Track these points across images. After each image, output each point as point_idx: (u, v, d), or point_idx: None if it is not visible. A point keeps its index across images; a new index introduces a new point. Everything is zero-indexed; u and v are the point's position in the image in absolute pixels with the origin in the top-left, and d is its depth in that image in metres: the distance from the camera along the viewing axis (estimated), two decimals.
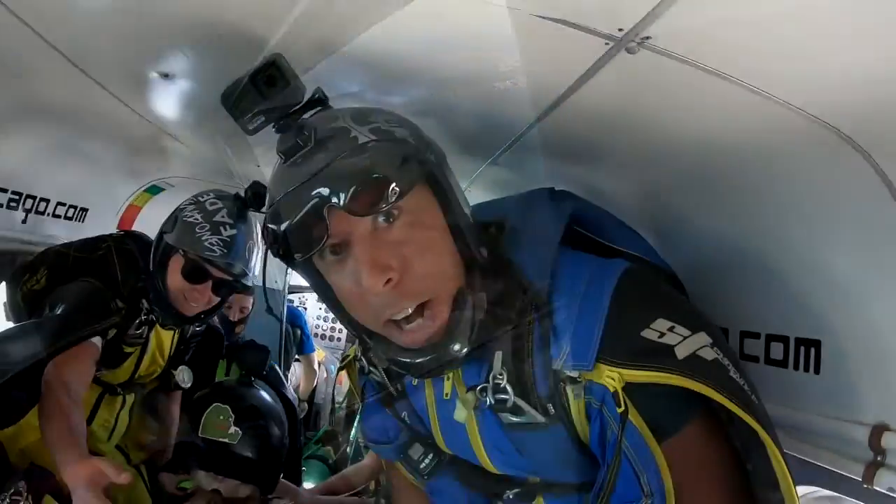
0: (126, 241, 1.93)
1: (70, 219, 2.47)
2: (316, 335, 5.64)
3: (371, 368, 1.20)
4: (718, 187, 1.22)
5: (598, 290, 0.93)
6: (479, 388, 0.99)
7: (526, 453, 1.02)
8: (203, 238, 1.69)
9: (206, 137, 1.91)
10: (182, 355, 2.11)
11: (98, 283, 1.75)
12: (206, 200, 1.76)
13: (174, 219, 1.78)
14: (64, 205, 2.38)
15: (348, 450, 3.08)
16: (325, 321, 5.94)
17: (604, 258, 1.02)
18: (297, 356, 4.58)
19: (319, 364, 4.98)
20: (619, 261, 1.00)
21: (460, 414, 1.04)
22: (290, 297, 5.10)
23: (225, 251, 1.70)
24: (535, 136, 1.27)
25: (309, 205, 0.87)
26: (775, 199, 1.13)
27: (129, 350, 1.89)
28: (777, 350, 1.21)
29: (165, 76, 1.32)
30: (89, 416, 1.90)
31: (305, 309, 5.79)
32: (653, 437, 0.86)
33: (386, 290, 0.88)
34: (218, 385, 1.83)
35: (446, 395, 1.06)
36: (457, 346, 0.93)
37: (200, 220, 1.71)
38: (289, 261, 0.95)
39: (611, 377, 0.88)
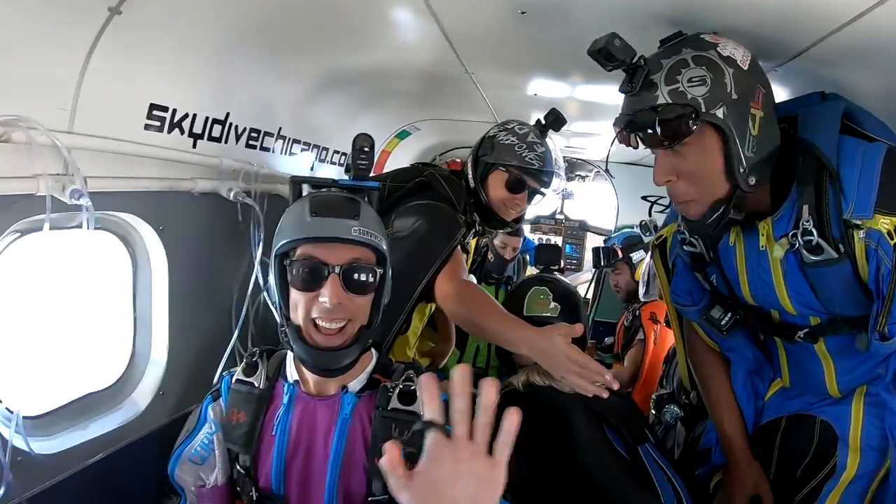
0: (436, 169, 2.22)
1: (340, 165, 2.91)
2: None
3: (692, 239, 1.56)
4: None
5: (871, 161, 1.26)
6: (790, 234, 1.34)
7: (819, 290, 1.37)
8: (523, 154, 2.09)
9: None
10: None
11: (442, 203, 2.02)
12: (514, 126, 2.16)
13: (490, 144, 2.14)
14: (338, 152, 2.84)
15: None
16: None
17: (868, 142, 1.31)
18: None
19: None
20: (880, 143, 1.30)
21: (778, 252, 1.38)
22: None
23: (541, 164, 2.11)
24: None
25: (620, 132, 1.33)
26: None
27: None
28: None
29: None
30: (405, 324, 2.14)
31: None
32: None
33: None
34: (533, 276, 2.11)
35: (762, 246, 1.40)
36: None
37: (516, 141, 2.11)
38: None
39: (885, 223, 1.23)
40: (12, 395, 1.44)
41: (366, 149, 1.72)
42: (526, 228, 5.63)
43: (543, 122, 2.18)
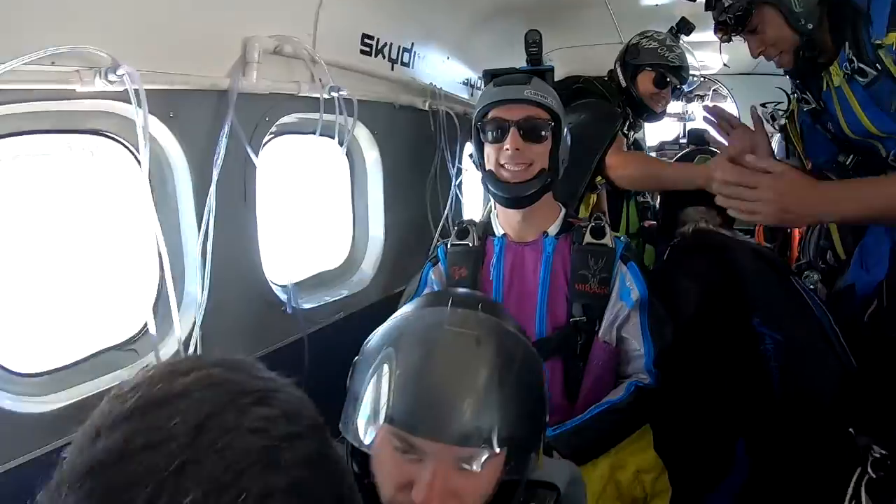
0: (590, 79, 2.60)
1: None
2: None
3: (804, 95, 1.76)
4: None
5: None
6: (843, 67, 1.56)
7: (883, 107, 1.53)
8: (665, 55, 2.49)
9: None
10: None
11: (601, 100, 2.46)
12: (652, 34, 2.55)
13: (635, 49, 2.53)
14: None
15: None
16: None
17: None
18: None
19: None
20: None
21: (843, 84, 1.59)
22: None
23: (681, 62, 2.53)
24: None
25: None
26: None
27: None
28: None
29: None
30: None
31: None
32: None
33: None
34: (694, 148, 2.57)
35: (837, 84, 1.62)
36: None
37: (657, 45, 2.51)
38: None
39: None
40: (286, 272, 1.90)
41: (535, 40, 2.02)
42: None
43: (675, 27, 2.60)
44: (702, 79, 5.21)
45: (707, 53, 3.97)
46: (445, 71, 2.62)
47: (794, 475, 1.59)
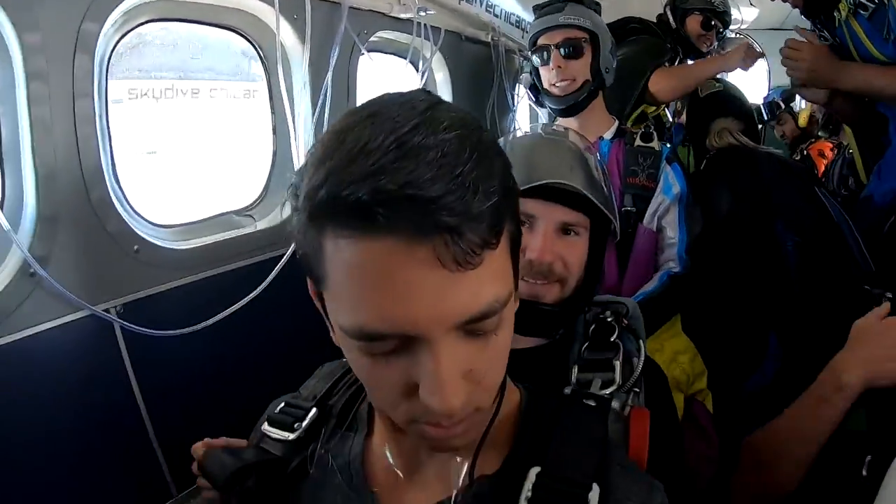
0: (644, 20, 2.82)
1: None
2: None
3: (822, 34, 1.93)
4: None
5: None
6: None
7: (883, 34, 1.70)
8: (712, 0, 2.79)
9: None
10: None
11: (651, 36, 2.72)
12: None
13: None
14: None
15: None
16: None
17: None
18: None
19: None
20: None
21: (850, 18, 1.79)
22: None
23: (725, 7, 2.86)
24: None
25: None
26: None
27: None
28: None
29: None
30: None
31: None
32: None
33: None
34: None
35: (846, 18, 1.80)
36: None
37: None
38: None
39: None
40: None
41: None
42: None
43: None
44: (737, 35, 5.34)
45: (741, 9, 4.13)
46: (504, 8, 2.84)
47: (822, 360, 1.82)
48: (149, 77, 1.84)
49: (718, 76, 2.48)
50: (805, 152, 3.90)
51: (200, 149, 2.29)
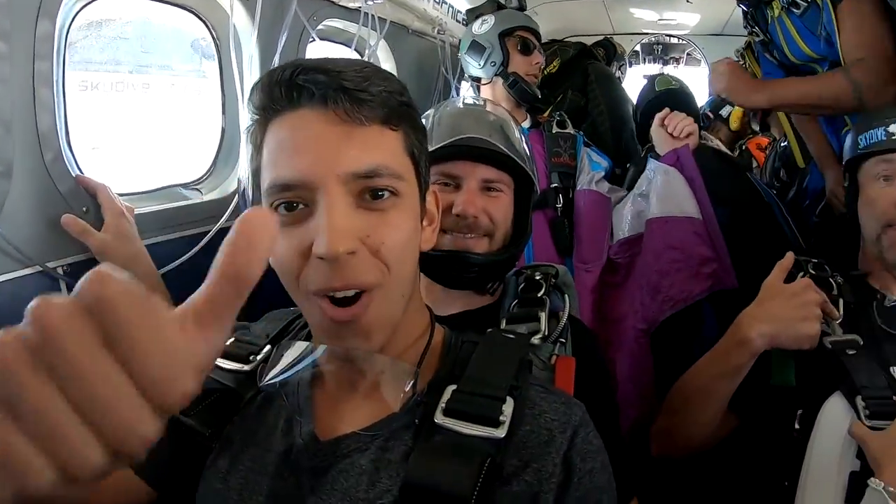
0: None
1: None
2: None
3: (754, 30, 2.11)
4: None
5: None
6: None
7: (813, 31, 1.80)
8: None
9: None
10: None
11: None
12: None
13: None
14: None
15: None
16: None
17: None
18: None
19: None
20: None
21: (783, 14, 1.89)
22: None
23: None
24: None
25: None
26: None
27: None
28: None
29: None
30: None
31: None
32: None
33: None
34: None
35: (779, 15, 1.93)
36: None
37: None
38: None
39: None
40: None
41: None
42: None
43: None
44: (680, 41, 5.49)
45: (679, 13, 4.28)
46: (451, 5, 2.93)
47: None
48: (101, 69, 1.87)
49: (675, 78, 2.57)
50: (744, 147, 4.14)
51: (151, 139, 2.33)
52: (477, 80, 2.15)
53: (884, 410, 1.04)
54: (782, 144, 3.02)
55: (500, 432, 0.71)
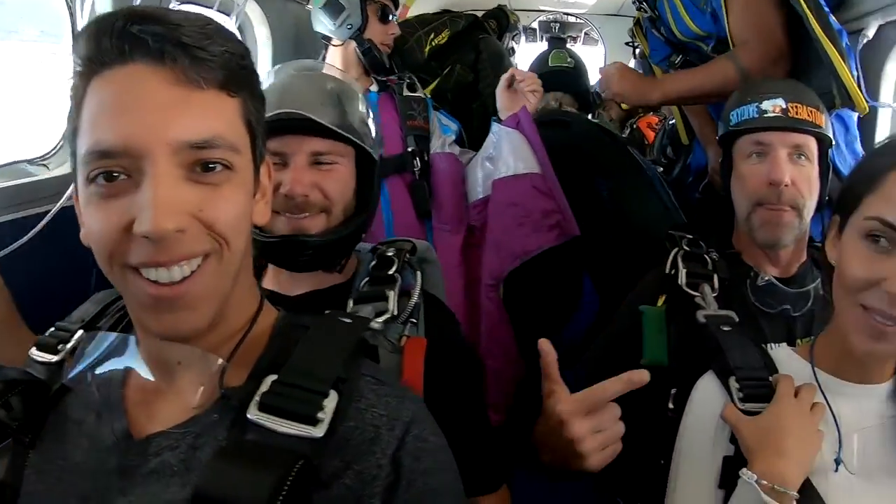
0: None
1: None
2: None
3: (641, 5, 2.13)
4: None
5: None
6: None
7: (698, 7, 1.78)
8: None
9: None
10: None
11: None
12: None
13: None
14: None
15: None
16: None
17: None
18: None
19: None
20: None
21: None
22: None
23: None
24: None
25: None
26: None
27: None
28: None
29: None
30: None
31: None
32: None
33: None
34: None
35: None
36: None
37: None
38: None
39: None
40: None
41: None
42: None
43: None
44: (578, 20, 5.49)
45: None
46: None
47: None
48: None
49: (572, 55, 2.52)
50: (635, 126, 4.23)
51: None
52: (327, 39, 2.01)
53: (758, 393, 0.98)
54: (670, 122, 3.07)
55: (318, 431, 0.64)
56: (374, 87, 1.97)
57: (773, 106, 1.31)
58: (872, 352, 0.90)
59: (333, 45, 2.01)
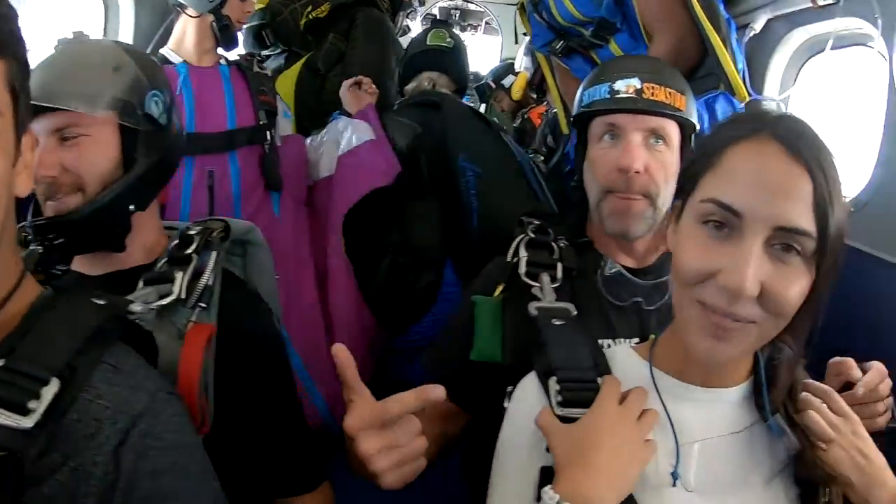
0: None
1: None
2: None
3: None
4: None
5: None
6: None
7: None
8: None
9: None
10: None
11: None
12: None
13: None
14: None
15: None
16: None
17: None
18: None
19: None
20: None
21: None
22: None
23: None
24: None
25: None
26: None
27: None
28: None
29: None
30: None
31: None
32: None
33: None
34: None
35: None
36: None
37: None
38: None
39: None
40: None
41: None
42: None
43: None
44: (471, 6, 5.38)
45: None
46: None
47: None
48: None
49: (452, 35, 2.38)
50: (526, 116, 4.19)
51: None
52: (181, 7, 1.88)
53: (580, 397, 0.85)
54: (553, 111, 3.02)
55: (28, 422, 0.59)
56: (223, 61, 1.97)
57: (626, 86, 1.20)
58: (713, 353, 0.77)
59: (189, 15, 1.89)
